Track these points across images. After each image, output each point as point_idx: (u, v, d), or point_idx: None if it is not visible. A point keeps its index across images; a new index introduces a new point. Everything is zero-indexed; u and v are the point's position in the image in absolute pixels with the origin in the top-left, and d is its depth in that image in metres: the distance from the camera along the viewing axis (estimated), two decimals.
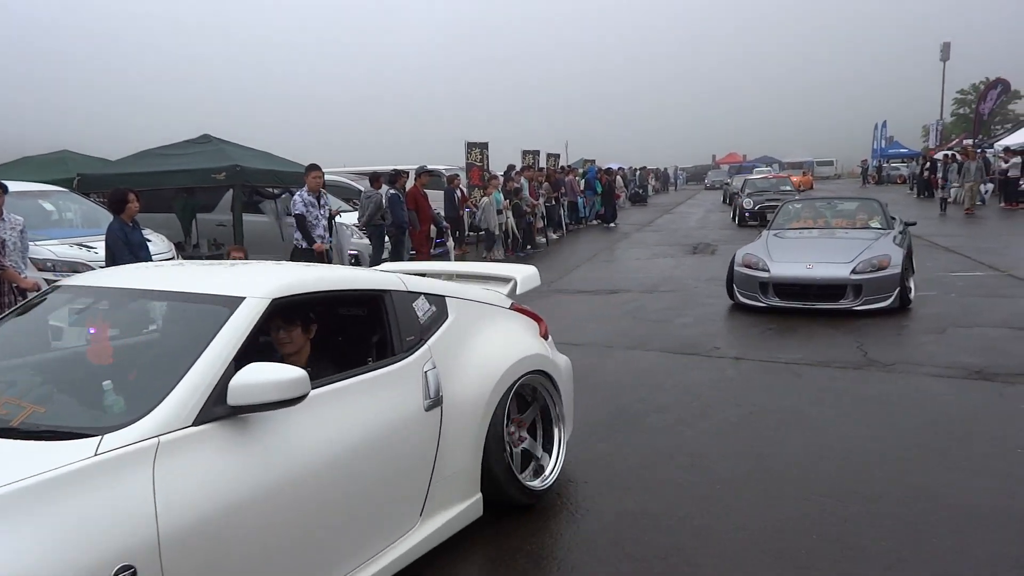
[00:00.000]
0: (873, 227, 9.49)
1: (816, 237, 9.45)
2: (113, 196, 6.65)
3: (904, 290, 8.09)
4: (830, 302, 8.07)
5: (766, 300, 8.39)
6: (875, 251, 8.27)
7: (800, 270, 8.30)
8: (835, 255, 8.36)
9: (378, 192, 12.22)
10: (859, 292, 7.97)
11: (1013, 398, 5.21)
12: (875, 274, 7.99)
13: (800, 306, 8.17)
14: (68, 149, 14.11)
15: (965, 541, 3.30)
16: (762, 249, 8.95)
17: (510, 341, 3.82)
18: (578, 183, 22.79)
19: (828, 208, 10.57)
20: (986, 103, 37.66)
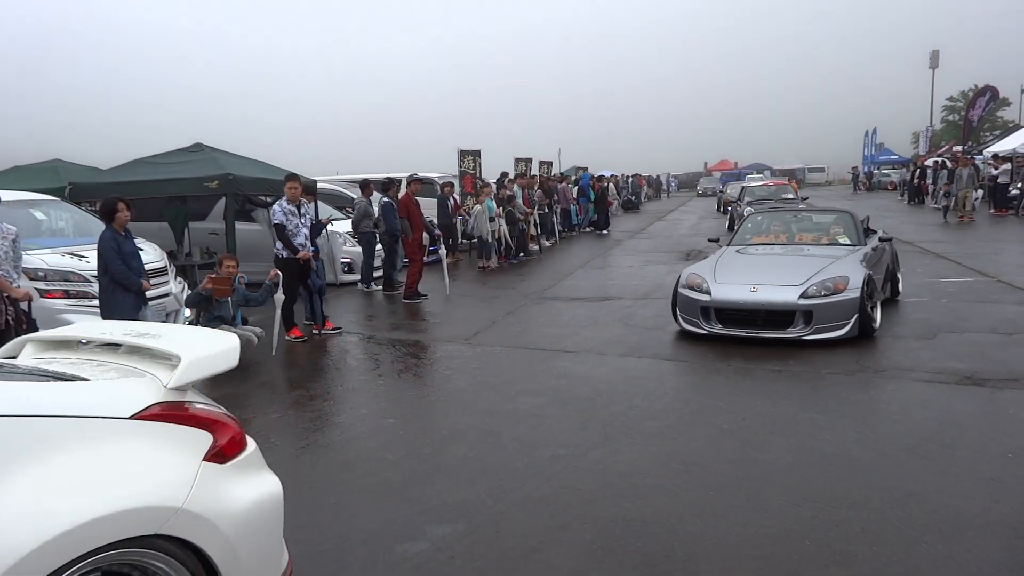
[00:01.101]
0: (842, 243, 8.63)
1: (776, 254, 8.54)
2: (104, 205, 6.66)
3: (866, 317, 7.11)
4: (777, 330, 7.10)
5: (707, 327, 7.43)
6: (832, 272, 7.33)
7: (743, 293, 7.31)
8: (785, 276, 7.41)
9: (364, 200, 12.23)
10: (809, 319, 6.98)
11: (1003, 403, 5.24)
12: (828, 299, 7.01)
13: (743, 334, 7.23)
14: (60, 158, 14.07)
15: (954, 546, 3.32)
16: (708, 268, 8.02)
17: (90, 485, 2.13)
18: (571, 190, 22.85)
19: (795, 221, 9.63)
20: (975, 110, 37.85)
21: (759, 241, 9.17)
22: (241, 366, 7.62)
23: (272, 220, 8.60)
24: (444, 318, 9.86)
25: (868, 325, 7.18)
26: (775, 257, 8.42)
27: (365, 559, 3.47)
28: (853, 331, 7.02)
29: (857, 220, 8.97)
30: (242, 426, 2.72)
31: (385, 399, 6.17)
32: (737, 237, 9.34)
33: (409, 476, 4.42)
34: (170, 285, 8.55)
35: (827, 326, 6.99)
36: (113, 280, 6.44)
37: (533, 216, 17.57)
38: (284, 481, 4.36)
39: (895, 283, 9.01)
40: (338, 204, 15.64)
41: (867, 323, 7.15)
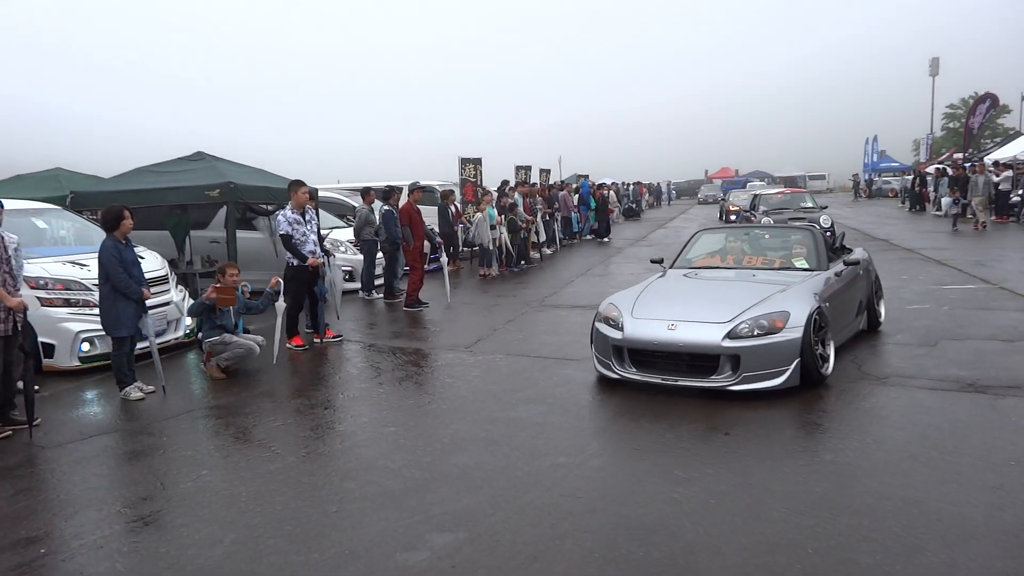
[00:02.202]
0: (797, 267, 7.18)
1: (715, 281, 7.12)
2: (108, 213, 6.66)
3: (811, 362, 5.80)
4: (699, 378, 5.82)
5: (620, 370, 6.18)
6: (771, 305, 5.99)
7: (659, 331, 5.99)
8: (712, 310, 6.09)
9: (366, 207, 12.25)
10: (737, 365, 5.71)
11: (1005, 410, 5.23)
12: (761, 339, 5.71)
13: (659, 381, 5.96)
14: (61, 167, 14.09)
15: (957, 554, 3.31)
16: (629, 298, 6.69)
17: None
18: (572, 198, 22.87)
19: (749, 240, 8.09)
20: (975, 117, 37.92)
21: (703, 264, 7.69)
22: (242, 374, 7.68)
23: (277, 231, 8.60)
24: (445, 326, 9.86)
25: (814, 371, 5.85)
26: (712, 284, 7.01)
27: (366, 568, 3.46)
28: (792, 380, 5.71)
29: (820, 240, 7.45)
30: None
31: (386, 407, 6.16)
32: (681, 258, 7.91)
33: (410, 484, 4.41)
34: (171, 294, 8.56)
35: (758, 374, 5.67)
36: (114, 289, 6.44)
37: (534, 224, 17.59)
38: (285, 490, 4.38)
39: (873, 313, 7.89)
40: (339, 212, 15.68)
41: (812, 369, 5.83)
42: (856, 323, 7.47)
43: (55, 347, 7.49)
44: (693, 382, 5.82)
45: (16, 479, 4.85)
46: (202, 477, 4.71)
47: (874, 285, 8.06)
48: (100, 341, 7.51)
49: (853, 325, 7.37)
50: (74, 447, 5.43)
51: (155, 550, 3.72)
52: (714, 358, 5.79)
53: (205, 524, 3.99)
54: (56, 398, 6.79)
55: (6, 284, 5.66)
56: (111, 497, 4.48)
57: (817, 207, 18.39)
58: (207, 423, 5.99)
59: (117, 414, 6.27)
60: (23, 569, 3.59)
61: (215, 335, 7.37)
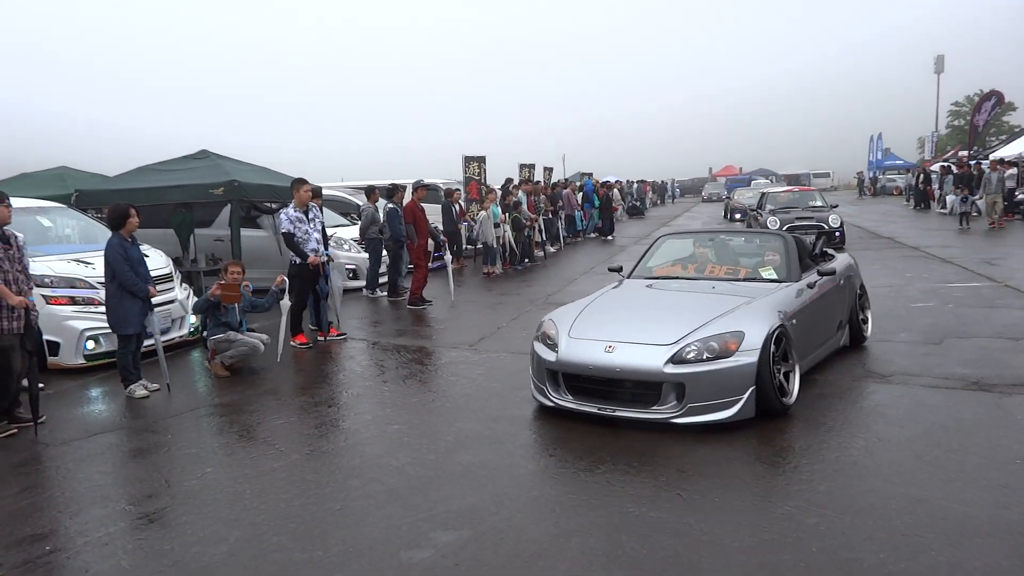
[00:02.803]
0: (765, 278, 6.37)
1: (670, 293, 6.33)
2: (114, 211, 6.67)
3: (768, 390, 5.06)
4: (639, 408, 5.11)
5: (555, 397, 5.48)
6: (723, 324, 5.25)
7: (596, 353, 5.27)
8: (657, 330, 5.34)
9: (371, 206, 12.27)
10: (682, 394, 5.00)
11: (1009, 409, 5.22)
12: (709, 364, 4.99)
13: (595, 411, 5.24)
14: (66, 165, 14.14)
15: (961, 553, 3.30)
16: (571, 313, 5.98)
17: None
18: (576, 196, 22.87)
19: (714, 247, 7.18)
20: (980, 115, 37.78)
21: (663, 273, 6.89)
22: (246, 373, 7.69)
23: (279, 229, 8.61)
24: (449, 324, 9.86)
25: (773, 400, 5.11)
26: (666, 298, 6.23)
27: (370, 565, 3.46)
28: (746, 411, 5.00)
29: (791, 247, 6.59)
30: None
31: (390, 405, 6.17)
32: (641, 266, 7.12)
33: (414, 482, 4.42)
34: (175, 292, 8.58)
35: (706, 404, 4.97)
36: (121, 286, 6.46)
37: (538, 222, 17.58)
38: (289, 487, 4.39)
39: (857, 327, 7.16)
40: (343, 210, 15.70)
41: (771, 398, 5.09)
42: (834, 340, 6.71)
43: (60, 345, 7.51)
44: (632, 413, 5.11)
45: (21, 476, 4.87)
46: (206, 475, 4.72)
47: (858, 295, 7.29)
48: (105, 339, 7.53)
49: (830, 343, 6.58)
50: (79, 444, 5.45)
51: (160, 547, 3.74)
52: (656, 386, 5.06)
53: (209, 522, 4.00)
54: (61, 396, 6.82)
55: (18, 282, 5.69)
56: (116, 494, 4.50)
57: (827, 206, 17.84)
58: (211, 421, 6.00)
59: (122, 412, 6.29)
60: (29, 566, 3.61)
61: (219, 333, 7.38)
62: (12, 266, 5.68)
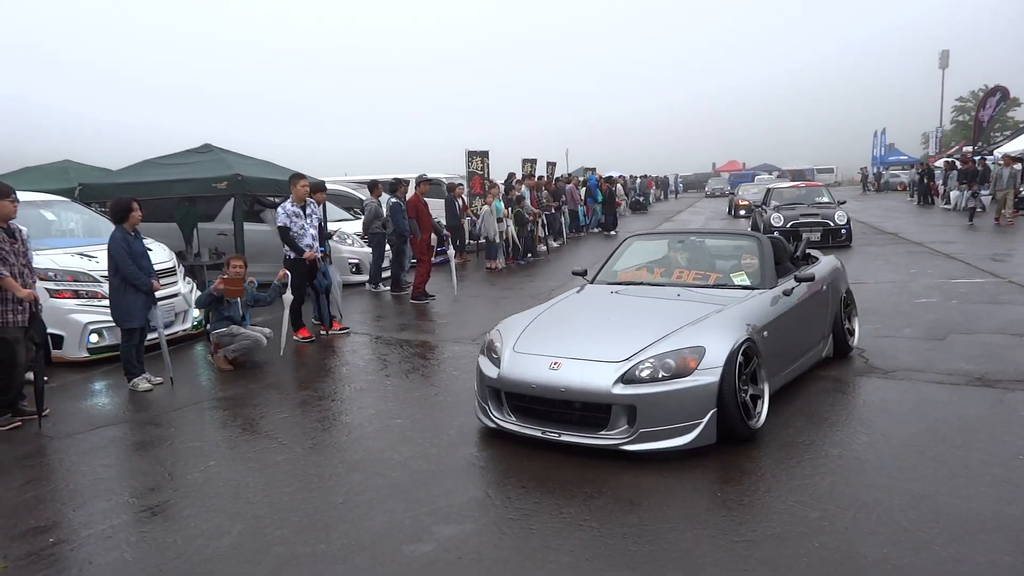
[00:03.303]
0: (736, 284, 5.84)
1: (636, 301, 5.81)
2: (117, 205, 6.68)
3: (732, 414, 4.53)
4: (587, 432, 4.57)
5: (497, 417, 4.96)
6: (682, 339, 4.70)
7: (540, 370, 4.74)
8: (609, 344, 4.81)
9: (374, 200, 12.26)
10: (633, 418, 4.46)
11: (1013, 405, 5.21)
12: (665, 384, 4.45)
13: (539, 435, 4.71)
14: (70, 159, 14.14)
15: (965, 549, 3.30)
16: (521, 323, 5.44)
17: None
18: (579, 191, 22.84)
19: (684, 249, 6.59)
20: (985, 110, 37.67)
21: (627, 278, 6.35)
22: (249, 366, 7.70)
23: (276, 223, 8.61)
24: (452, 319, 9.87)
25: (737, 424, 4.58)
26: (625, 307, 5.67)
27: (372, 559, 3.47)
28: (705, 437, 4.48)
29: (766, 250, 6.04)
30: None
31: (392, 399, 6.17)
32: (605, 270, 6.62)
33: (416, 476, 4.42)
34: (179, 285, 8.59)
35: (660, 429, 4.43)
36: (124, 280, 6.47)
37: (541, 217, 17.58)
38: (292, 481, 4.40)
39: (842, 336, 6.62)
40: (346, 205, 15.70)
41: (735, 421, 4.56)
42: (815, 352, 6.18)
43: (64, 338, 7.53)
44: (577, 438, 4.58)
45: (26, 469, 4.89)
46: (209, 468, 4.73)
47: (843, 302, 6.74)
48: (108, 332, 7.55)
49: (809, 355, 6.05)
50: (83, 437, 5.46)
51: (163, 540, 3.75)
52: (605, 408, 4.53)
53: (213, 515, 4.01)
54: (65, 389, 6.83)
55: (23, 276, 5.71)
56: (119, 487, 4.51)
57: (834, 202, 17.33)
58: (214, 414, 6.02)
59: (125, 405, 6.30)
60: (33, 558, 3.62)
61: (222, 327, 7.39)
62: (17, 259, 5.70)
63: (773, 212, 16.74)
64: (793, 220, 15.95)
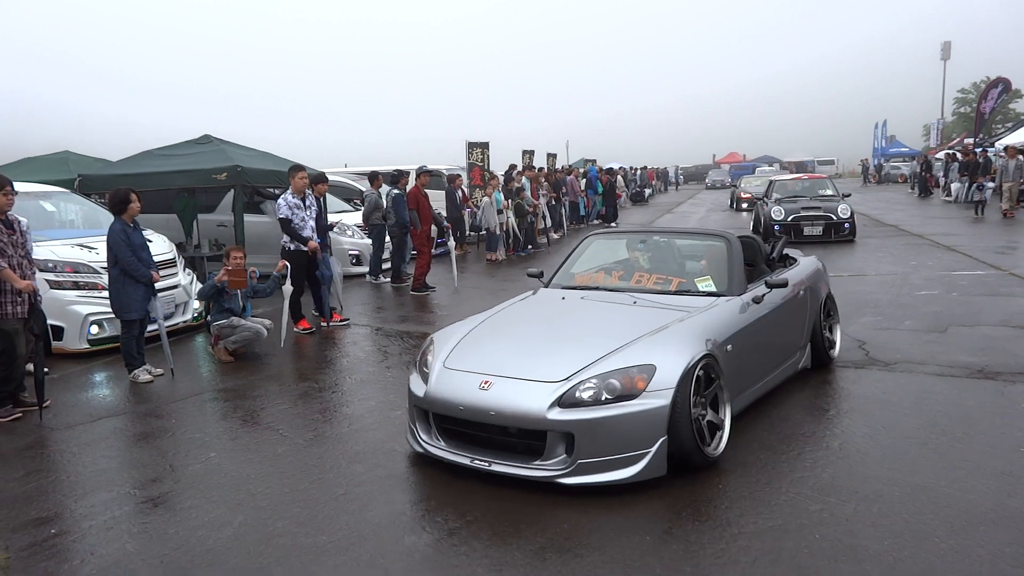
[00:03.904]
0: (701, 290, 5.23)
1: (588, 308, 5.20)
2: (115, 196, 6.66)
3: (685, 442, 3.99)
4: (520, 461, 4.04)
5: (425, 440, 4.41)
6: (633, 354, 4.17)
7: (469, 389, 4.20)
8: (551, 358, 4.29)
9: (374, 192, 12.24)
10: (571, 447, 3.92)
11: (1014, 397, 5.21)
12: (608, 409, 3.91)
13: (467, 463, 4.16)
14: (69, 150, 14.12)
15: (965, 541, 3.30)
16: (458, 331, 4.95)
17: None
18: (579, 183, 22.80)
19: (646, 250, 5.97)
20: (987, 102, 37.58)
21: (584, 282, 5.76)
22: (250, 358, 7.69)
23: (277, 214, 8.59)
24: (452, 310, 9.86)
25: (692, 452, 4.05)
26: (575, 315, 5.11)
27: (374, 550, 3.47)
28: (654, 468, 3.94)
29: (736, 253, 5.42)
30: None
31: (393, 391, 6.17)
32: (561, 272, 5.96)
33: (417, 467, 4.42)
34: (179, 277, 8.58)
35: (602, 460, 3.90)
36: (123, 272, 6.46)
37: (541, 208, 17.56)
38: (293, 472, 4.40)
39: (821, 345, 6.05)
40: (346, 196, 15.68)
41: (689, 449, 4.03)
42: (790, 364, 5.66)
43: (64, 329, 7.52)
44: (509, 468, 4.04)
45: (27, 460, 4.89)
46: (211, 459, 4.74)
47: (824, 308, 6.17)
48: (109, 324, 7.55)
49: (783, 368, 5.54)
50: (84, 429, 5.47)
51: (164, 531, 3.75)
52: (539, 435, 3.99)
53: (214, 506, 4.02)
54: (65, 380, 6.83)
55: (22, 267, 5.70)
56: (120, 478, 4.52)
57: (838, 195, 16.69)
58: (215, 406, 6.02)
59: (126, 396, 6.30)
60: (35, 549, 3.62)
61: (223, 318, 7.39)
62: (16, 251, 5.69)
63: (774, 205, 16.21)
64: (794, 214, 15.53)
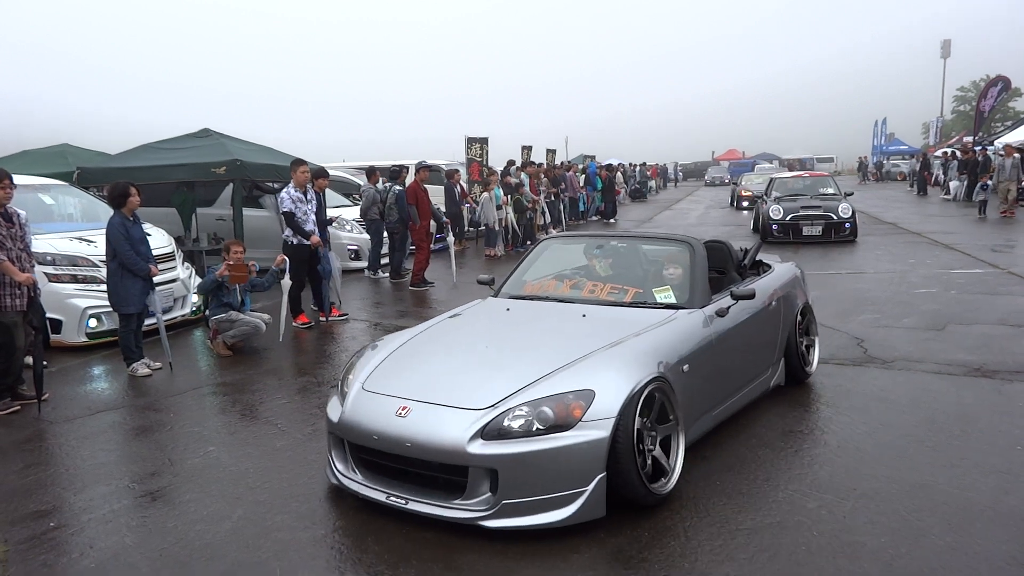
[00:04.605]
0: (659, 301, 4.66)
1: (533, 321, 4.68)
2: (114, 190, 6.65)
3: (631, 475, 3.49)
4: (439, 499, 3.54)
5: (340, 472, 3.92)
6: (571, 378, 3.65)
7: (385, 416, 3.69)
8: (478, 382, 3.80)
9: (371, 187, 12.23)
10: (495, 484, 3.41)
11: (1011, 395, 5.22)
12: (538, 442, 3.40)
13: (382, 499, 3.67)
14: (68, 143, 14.10)
15: (963, 538, 3.32)
16: (386, 347, 4.43)
17: None
18: (578, 179, 22.80)
19: (603, 256, 5.47)
20: (986, 100, 37.58)
21: (533, 291, 5.23)
22: (248, 352, 7.69)
23: (280, 208, 8.58)
24: (451, 305, 9.78)
25: (636, 489, 3.55)
26: (518, 329, 4.60)
27: (375, 544, 3.48)
28: (590, 509, 3.43)
29: (700, 260, 4.86)
30: None
31: None
32: (512, 279, 5.46)
33: None
34: (177, 271, 8.57)
35: (530, 501, 3.40)
36: (121, 265, 6.45)
37: (540, 204, 17.55)
38: (292, 466, 4.40)
39: (796, 360, 5.53)
40: (345, 191, 15.66)
41: (632, 487, 3.53)
42: (760, 382, 5.17)
43: (63, 323, 7.52)
44: (428, 507, 3.54)
45: (25, 453, 4.89)
46: (209, 453, 4.74)
47: (800, 320, 5.63)
48: (107, 317, 7.54)
49: (752, 387, 5.03)
50: (82, 422, 5.47)
51: (163, 525, 3.75)
52: (460, 471, 3.50)
53: (212, 500, 4.02)
54: (64, 374, 6.83)
55: (21, 260, 5.69)
56: (119, 472, 4.52)
57: (840, 194, 16.15)
58: (214, 400, 6.02)
59: (124, 390, 6.30)
60: (33, 542, 3.63)
61: (221, 312, 7.38)
62: (14, 244, 5.68)
63: (772, 204, 15.69)
64: (793, 213, 15.00)
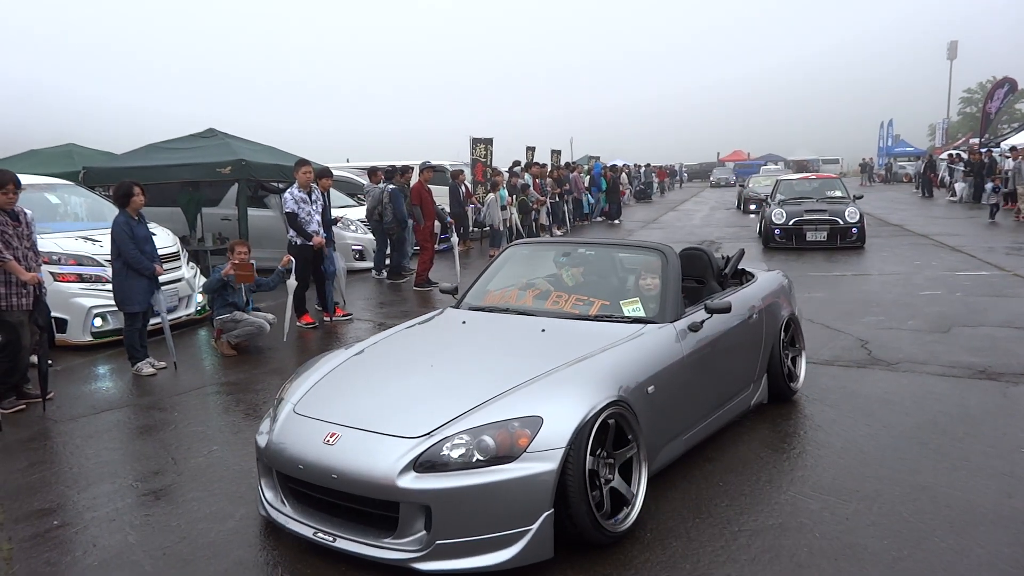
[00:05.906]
0: (627, 315, 4.30)
1: (488, 336, 4.39)
2: (119, 189, 6.67)
3: (583, 513, 3.12)
4: (368, 536, 3.16)
5: (268, 502, 3.56)
6: (518, 403, 3.28)
7: (312, 442, 3.36)
8: (417, 406, 3.43)
9: (375, 187, 12.23)
10: (429, 521, 3.02)
11: (1016, 398, 5.21)
12: (475, 475, 3.03)
13: (309, 535, 3.29)
14: (74, 142, 14.14)
15: (965, 541, 3.31)
16: (324, 365, 4.14)
17: None
18: (583, 180, 22.79)
19: (570, 264, 5.06)
20: (993, 102, 37.39)
21: (493, 301, 4.85)
22: (252, 352, 7.71)
23: (284, 208, 8.59)
24: None
25: (588, 529, 3.18)
26: (469, 344, 4.31)
27: None
28: (535, 550, 3.06)
29: (673, 270, 4.48)
30: None
31: None
32: (475, 289, 5.11)
33: None
34: (182, 270, 8.60)
35: (467, 542, 3.02)
36: (126, 265, 6.47)
37: (545, 205, 17.56)
38: None
39: (781, 378, 5.17)
40: (349, 191, 15.67)
41: (583, 526, 3.16)
42: (739, 400, 4.80)
43: (68, 322, 7.54)
44: (356, 545, 3.16)
45: (30, 451, 4.91)
46: (213, 453, 4.75)
47: (785, 333, 5.28)
48: (112, 316, 7.56)
49: (729, 407, 4.66)
50: (87, 421, 5.49)
51: (166, 523, 3.77)
52: (391, 507, 3.12)
53: (216, 499, 4.03)
54: (69, 373, 6.86)
55: (27, 259, 5.71)
56: (123, 471, 4.53)
57: (849, 197, 15.32)
58: (218, 399, 6.03)
59: (129, 389, 6.32)
60: (37, 539, 3.64)
61: (226, 312, 7.40)
62: (21, 243, 5.70)
63: (776, 207, 14.91)
64: (796, 217, 14.25)
